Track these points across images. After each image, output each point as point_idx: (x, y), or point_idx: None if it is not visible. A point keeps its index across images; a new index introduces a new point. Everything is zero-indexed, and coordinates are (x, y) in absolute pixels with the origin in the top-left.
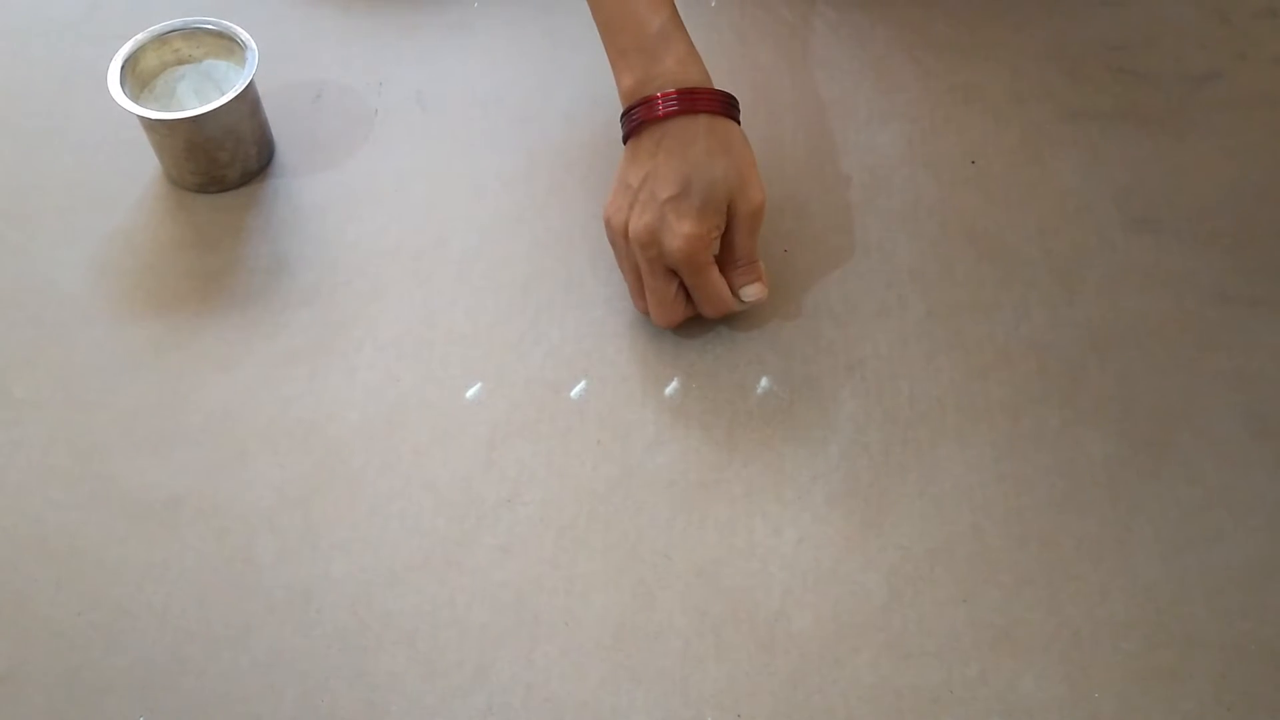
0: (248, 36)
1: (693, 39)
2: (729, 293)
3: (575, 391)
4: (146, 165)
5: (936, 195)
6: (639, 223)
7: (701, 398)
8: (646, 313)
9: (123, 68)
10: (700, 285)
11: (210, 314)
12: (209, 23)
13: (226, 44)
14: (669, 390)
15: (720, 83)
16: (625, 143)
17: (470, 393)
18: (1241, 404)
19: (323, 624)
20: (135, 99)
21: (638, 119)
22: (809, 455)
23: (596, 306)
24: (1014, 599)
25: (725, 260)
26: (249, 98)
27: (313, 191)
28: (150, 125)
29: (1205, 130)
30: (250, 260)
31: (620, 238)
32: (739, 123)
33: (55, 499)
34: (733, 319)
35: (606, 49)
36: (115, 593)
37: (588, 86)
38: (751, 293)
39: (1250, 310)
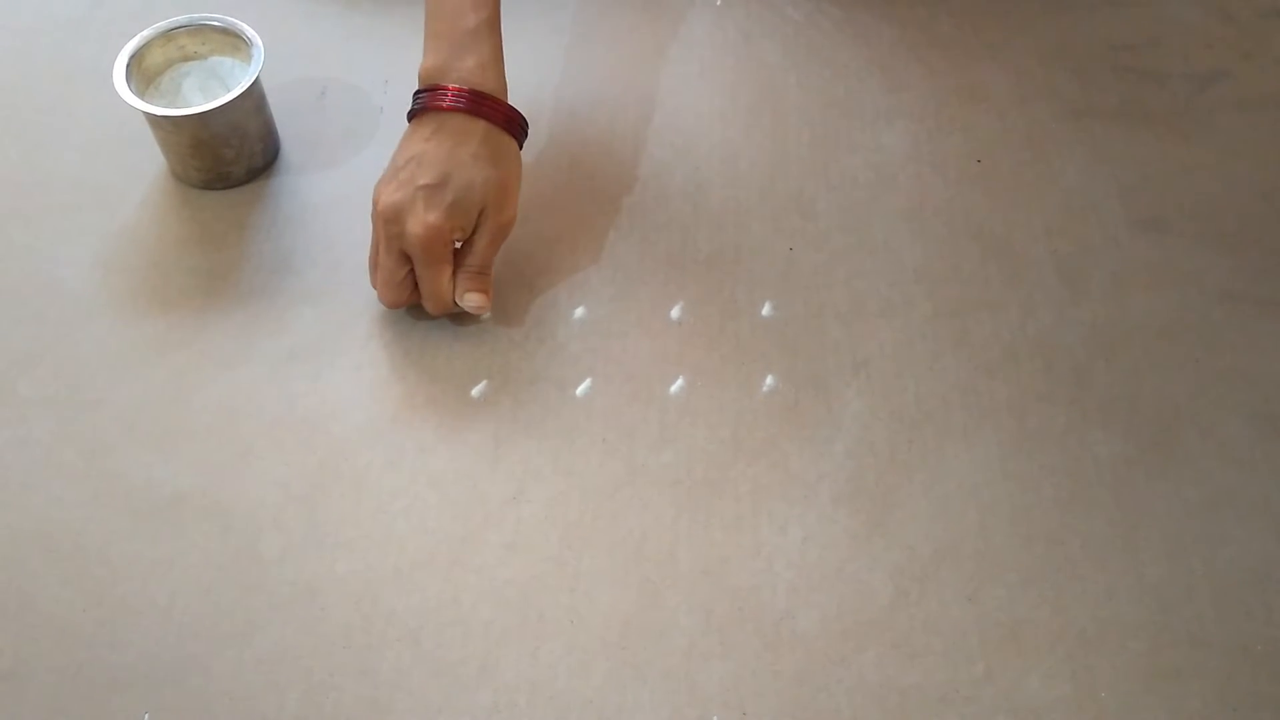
0: (254, 33)
1: (697, 37)
2: (451, 294)
3: (580, 390)
4: (151, 162)
5: (942, 194)
6: (389, 199)
7: (707, 396)
8: (375, 287)
9: (128, 64)
10: (428, 277)
11: (215, 311)
12: (215, 19)
13: (232, 41)
14: (674, 388)
15: (725, 81)
16: (409, 121)
17: (475, 391)
18: (1247, 404)
19: (327, 621)
20: (140, 95)
21: (423, 103)
22: (814, 454)
23: (602, 304)
24: (1020, 598)
25: (460, 262)
26: (254, 95)
27: (318, 189)
28: (155, 122)
29: (1211, 130)
30: (255, 257)
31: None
32: (520, 143)
33: (60, 496)
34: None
35: (425, 27)
36: (120, 589)
37: (592, 84)
38: (471, 300)
39: (1256, 309)
